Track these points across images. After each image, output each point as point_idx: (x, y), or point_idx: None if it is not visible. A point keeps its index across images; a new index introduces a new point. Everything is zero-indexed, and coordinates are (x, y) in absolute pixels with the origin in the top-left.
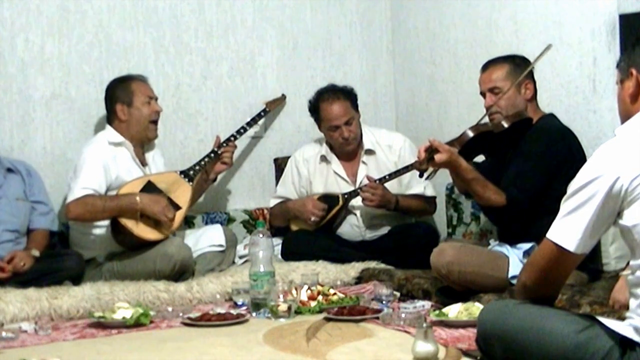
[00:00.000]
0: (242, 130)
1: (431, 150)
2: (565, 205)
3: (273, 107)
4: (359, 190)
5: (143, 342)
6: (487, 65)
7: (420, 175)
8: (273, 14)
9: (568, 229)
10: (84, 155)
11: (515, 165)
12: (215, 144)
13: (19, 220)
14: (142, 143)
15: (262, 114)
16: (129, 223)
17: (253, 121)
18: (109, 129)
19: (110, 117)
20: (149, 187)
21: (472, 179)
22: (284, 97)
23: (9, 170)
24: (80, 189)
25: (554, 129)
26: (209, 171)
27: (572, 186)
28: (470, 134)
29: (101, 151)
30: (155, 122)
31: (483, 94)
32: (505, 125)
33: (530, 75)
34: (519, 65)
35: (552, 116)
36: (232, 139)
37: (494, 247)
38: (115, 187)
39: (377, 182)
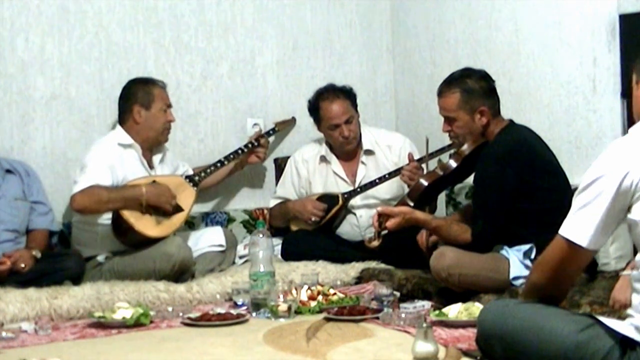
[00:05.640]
0: (249, 145)
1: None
2: (576, 201)
3: (282, 128)
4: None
5: (143, 342)
6: (441, 91)
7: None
8: (273, 14)
9: (580, 225)
10: (91, 154)
11: (475, 196)
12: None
13: (18, 220)
14: (152, 146)
15: (271, 132)
16: (131, 217)
17: (262, 137)
18: (119, 129)
19: (124, 117)
20: None
21: (434, 228)
22: (294, 119)
23: (8, 171)
24: (86, 181)
25: (500, 152)
26: (243, 161)
27: (583, 182)
28: (423, 185)
29: (108, 152)
30: (168, 130)
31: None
32: (454, 164)
33: (487, 96)
34: (471, 91)
35: (507, 130)
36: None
37: (493, 249)
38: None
39: (417, 161)
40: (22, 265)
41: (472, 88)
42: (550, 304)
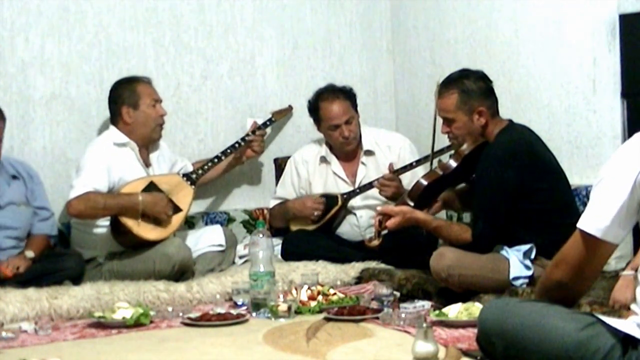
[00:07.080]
0: (246, 138)
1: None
2: (593, 194)
3: (279, 117)
4: (374, 182)
5: (143, 342)
6: (439, 92)
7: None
8: (273, 14)
9: (595, 216)
10: (87, 155)
11: (475, 197)
12: (251, 127)
13: (22, 226)
14: (147, 144)
15: (268, 122)
16: (129, 222)
17: (258, 129)
18: (112, 129)
19: (115, 119)
20: (151, 188)
21: (434, 228)
22: (290, 107)
23: (14, 177)
24: (82, 187)
25: (501, 152)
26: (241, 155)
27: (601, 174)
28: (423, 184)
29: (104, 152)
30: (161, 125)
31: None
32: (454, 164)
33: (485, 97)
34: (469, 92)
35: (507, 130)
36: (249, 135)
37: (494, 249)
38: (119, 188)
39: (394, 173)
40: (17, 268)
41: (470, 89)
42: (566, 304)
